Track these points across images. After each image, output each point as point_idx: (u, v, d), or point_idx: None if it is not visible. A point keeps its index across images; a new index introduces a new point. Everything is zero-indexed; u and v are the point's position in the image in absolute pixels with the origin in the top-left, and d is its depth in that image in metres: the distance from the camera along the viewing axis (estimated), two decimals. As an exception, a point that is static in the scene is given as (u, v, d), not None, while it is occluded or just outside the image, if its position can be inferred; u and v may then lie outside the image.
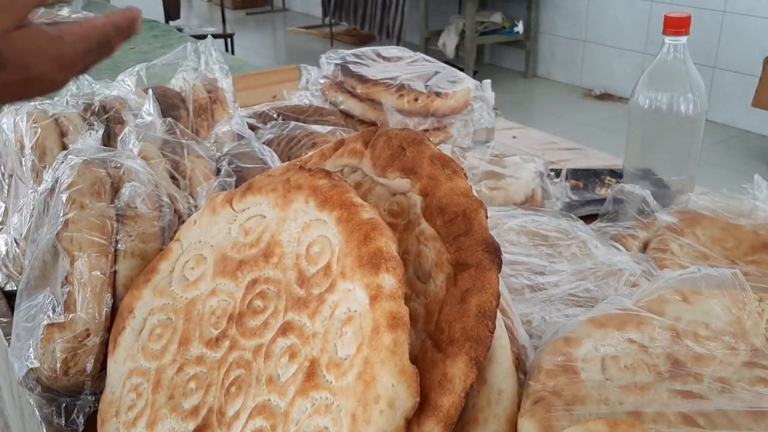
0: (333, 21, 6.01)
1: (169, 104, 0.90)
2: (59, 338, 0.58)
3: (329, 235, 0.44)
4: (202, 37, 1.03)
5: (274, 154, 0.72)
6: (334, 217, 0.43)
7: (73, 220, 0.58)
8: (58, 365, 0.58)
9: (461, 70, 3.92)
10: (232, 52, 4.59)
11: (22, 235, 0.77)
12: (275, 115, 1.05)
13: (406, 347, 0.37)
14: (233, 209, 0.52)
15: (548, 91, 4.73)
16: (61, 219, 0.60)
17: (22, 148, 0.83)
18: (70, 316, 0.58)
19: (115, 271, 0.59)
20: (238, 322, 0.48)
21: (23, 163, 0.82)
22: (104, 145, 0.75)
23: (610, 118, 4.16)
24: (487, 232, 0.43)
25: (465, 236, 0.43)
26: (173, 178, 0.68)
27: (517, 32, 4.75)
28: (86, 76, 0.93)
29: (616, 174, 1.13)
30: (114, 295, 0.59)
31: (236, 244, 0.51)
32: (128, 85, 0.89)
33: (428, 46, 5.00)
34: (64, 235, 0.59)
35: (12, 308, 0.79)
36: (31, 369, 0.60)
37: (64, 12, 2.38)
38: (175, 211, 0.61)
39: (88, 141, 0.72)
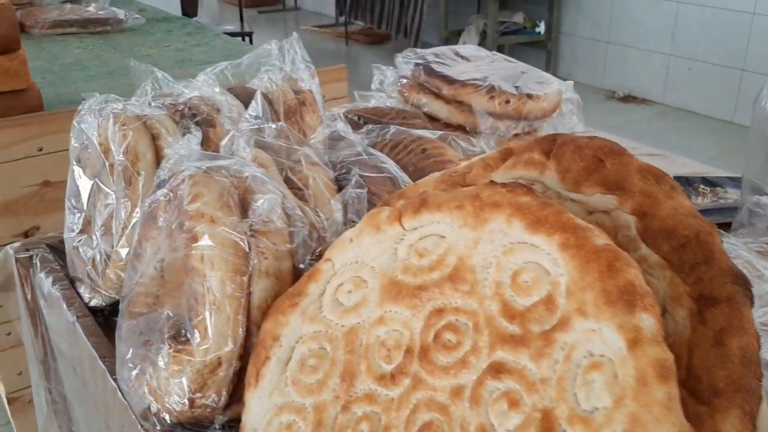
0: (349, 20, 5.95)
1: (258, 106, 0.84)
2: (187, 367, 0.53)
3: (544, 262, 0.38)
4: (230, 35, 0.97)
5: (391, 161, 0.66)
6: (555, 243, 0.37)
7: (204, 236, 0.53)
8: (185, 397, 0.53)
9: None
10: (250, 51, 4.52)
11: (114, 248, 0.71)
12: (356, 119, 0.99)
13: (679, 402, 0.32)
14: (403, 227, 0.46)
15: (570, 92, 4.66)
16: (187, 234, 0.54)
17: (106, 151, 0.77)
18: (201, 343, 0.52)
19: (249, 293, 0.53)
20: (422, 358, 0.42)
21: (109, 167, 0.77)
22: (199, 150, 0.69)
23: (636, 121, 4.10)
24: (729, 259, 0.38)
25: (705, 265, 0.37)
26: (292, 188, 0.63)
27: (539, 32, 4.69)
28: (165, 74, 0.87)
29: (710, 182, 1.08)
30: (248, 318, 0.53)
31: (409, 267, 0.45)
32: (212, 85, 0.83)
33: (447, 45, 4.94)
34: (193, 252, 0.53)
35: (100, 326, 0.73)
36: (150, 402, 0.55)
37: (92, 8, 2.33)
38: (310, 225, 0.56)
39: (191, 146, 0.66)
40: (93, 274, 0.74)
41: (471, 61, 1.09)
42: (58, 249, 0.87)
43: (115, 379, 0.63)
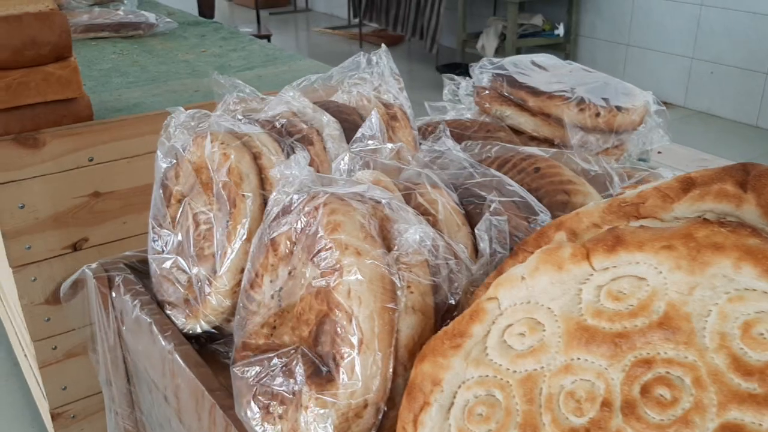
0: (363, 22, 5.91)
1: (350, 122, 0.80)
2: (332, 410, 0.49)
3: (785, 312, 0.35)
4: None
5: (515, 183, 0.63)
6: (801, 292, 0.34)
7: (352, 270, 0.49)
8: (329, 442, 0.49)
9: None
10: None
11: (218, 273, 0.67)
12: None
13: None
14: (592, 267, 0.42)
15: (589, 95, 4.62)
16: (330, 267, 0.50)
17: (199, 170, 0.73)
18: (348, 384, 0.48)
19: (397, 330, 0.50)
20: (627, 413, 0.39)
21: (201, 187, 0.73)
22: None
23: (658, 124, 4.06)
24: None
25: None
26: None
27: (558, 35, 4.65)
28: (252, 88, 0.83)
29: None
30: (395, 359, 0.50)
31: (601, 312, 0.41)
32: (303, 100, 0.80)
33: (465, 48, 4.91)
34: (339, 287, 0.49)
35: (199, 354, 0.70)
36: (288, 444, 0.51)
37: (121, 12, 2.29)
38: (455, 257, 0.52)
39: (301, 168, 0.62)
40: (191, 300, 0.71)
41: (548, 70, 1.05)
42: (137, 269, 0.84)
43: (231, 415, 0.59)
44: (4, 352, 2.07)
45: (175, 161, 0.75)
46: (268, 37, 4.22)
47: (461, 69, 4.58)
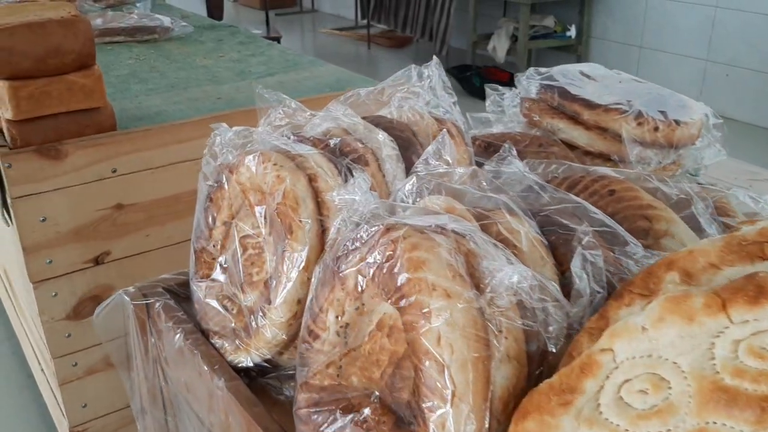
0: (371, 23, 5.87)
1: (404, 140, 0.75)
2: (422, 470, 0.44)
3: None
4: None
5: (599, 211, 0.58)
6: None
7: (441, 314, 0.44)
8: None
9: (512, 75, 3.80)
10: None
11: (273, 304, 0.63)
12: (483, 146, 0.91)
13: None
14: (730, 320, 0.38)
15: (601, 97, 4.58)
16: (415, 310, 0.46)
17: (246, 191, 0.69)
18: (441, 442, 0.44)
19: (492, 382, 0.45)
20: (782, 490, 0.34)
21: (248, 208, 0.69)
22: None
23: (673, 127, 4.01)
24: None
25: None
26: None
27: (570, 36, 4.61)
28: (297, 103, 0.79)
29: None
30: (490, 413, 0.45)
31: (742, 371, 0.37)
32: (354, 116, 0.75)
33: (476, 50, 4.86)
34: (428, 333, 0.45)
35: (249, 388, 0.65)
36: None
37: (135, 15, 2.25)
38: (552, 299, 0.47)
39: (364, 193, 0.58)
40: (240, 330, 0.66)
41: (598, 80, 1.01)
42: (177, 293, 0.79)
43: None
44: (18, 363, 2.03)
45: (217, 183, 0.71)
46: (278, 39, 4.17)
47: (472, 71, 4.53)
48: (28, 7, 1.25)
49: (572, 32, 4.59)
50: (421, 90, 0.80)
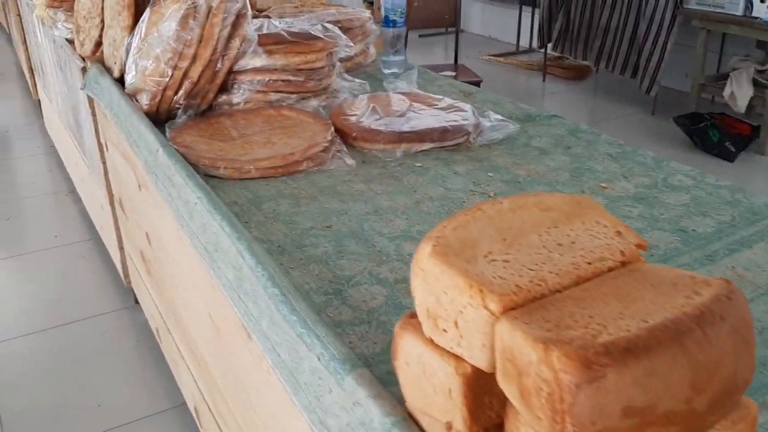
0: (555, 51, 5.10)
1: None
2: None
3: None
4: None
5: None
6: None
7: None
8: None
9: (754, 127, 2.82)
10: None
11: None
12: None
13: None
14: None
15: None
16: None
17: None
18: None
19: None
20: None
21: None
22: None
23: None
24: None
25: None
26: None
27: (830, 82, 3.70)
28: None
29: None
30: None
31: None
32: None
33: (701, 94, 4.02)
34: None
35: None
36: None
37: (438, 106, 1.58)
38: None
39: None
40: None
41: None
42: None
43: None
44: None
45: None
46: (477, 83, 3.48)
47: (707, 122, 3.71)
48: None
49: (832, 76, 3.68)
50: None
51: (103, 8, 1.92)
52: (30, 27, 3.23)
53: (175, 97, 1.45)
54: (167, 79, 1.41)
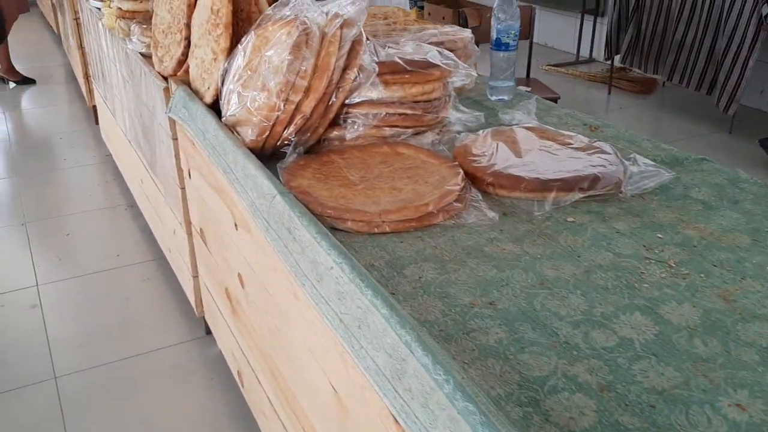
0: (623, 63, 4.88)
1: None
2: None
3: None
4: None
5: None
6: None
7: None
8: None
9: None
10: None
11: None
12: None
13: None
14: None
15: None
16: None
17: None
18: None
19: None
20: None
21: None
22: None
23: None
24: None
25: None
26: None
27: None
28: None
29: None
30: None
31: None
32: None
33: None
34: None
35: None
36: None
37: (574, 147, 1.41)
38: None
39: None
40: None
41: None
42: None
43: None
44: None
45: None
46: (555, 99, 3.28)
47: (797, 146, 3.47)
48: None
49: None
50: None
51: (187, 24, 1.78)
52: (93, 34, 3.12)
53: (285, 132, 1.30)
54: (279, 113, 1.26)
